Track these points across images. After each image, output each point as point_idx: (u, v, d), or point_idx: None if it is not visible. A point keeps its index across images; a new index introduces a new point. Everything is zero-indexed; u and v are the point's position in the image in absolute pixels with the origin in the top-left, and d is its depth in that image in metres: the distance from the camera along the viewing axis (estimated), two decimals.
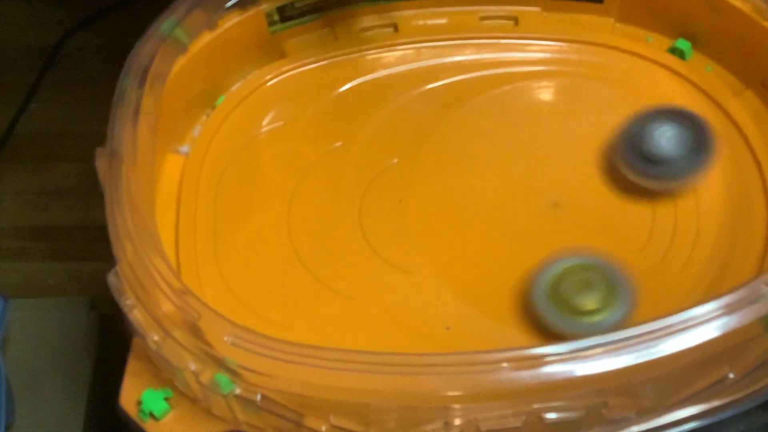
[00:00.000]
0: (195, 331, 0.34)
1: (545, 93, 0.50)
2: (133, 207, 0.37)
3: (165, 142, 0.46)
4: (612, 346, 0.32)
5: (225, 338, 0.33)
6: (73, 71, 0.77)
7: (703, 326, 0.32)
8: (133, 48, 0.44)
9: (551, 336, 0.39)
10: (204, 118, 0.50)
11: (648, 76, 0.49)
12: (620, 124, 0.45)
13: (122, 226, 0.36)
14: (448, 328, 0.41)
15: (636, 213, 0.44)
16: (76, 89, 0.73)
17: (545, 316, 0.39)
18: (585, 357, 0.32)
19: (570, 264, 0.41)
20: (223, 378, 0.33)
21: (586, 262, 0.41)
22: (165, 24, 0.45)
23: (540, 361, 0.32)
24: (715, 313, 0.33)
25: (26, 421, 0.50)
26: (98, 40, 0.79)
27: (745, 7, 0.45)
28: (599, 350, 0.32)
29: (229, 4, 0.48)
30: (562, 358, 0.32)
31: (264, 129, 0.49)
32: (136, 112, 0.41)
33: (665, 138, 0.43)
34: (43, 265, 0.68)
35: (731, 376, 0.32)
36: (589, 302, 0.39)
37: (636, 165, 0.43)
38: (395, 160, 0.47)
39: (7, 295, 0.52)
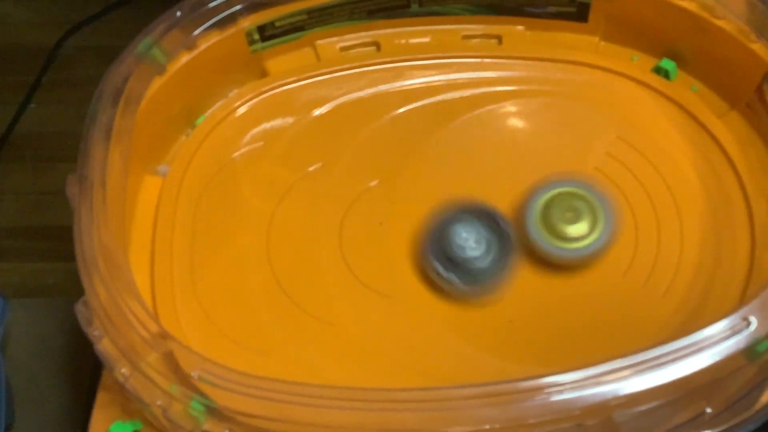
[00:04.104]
0: (164, 364, 0.33)
1: (529, 113, 0.49)
2: (102, 236, 0.36)
3: (142, 162, 0.46)
4: (590, 381, 0.31)
5: (194, 373, 0.32)
6: (73, 71, 0.77)
7: (685, 359, 0.32)
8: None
9: (528, 265, 0.42)
10: (183, 137, 0.49)
11: (632, 95, 0.48)
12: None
13: (90, 257, 0.35)
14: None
15: (619, 236, 0.43)
16: (76, 89, 0.73)
17: (538, 244, 0.42)
18: (562, 391, 0.31)
19: (557, 191, 0.43)
20: (195, 411, 0.33)
21: (572, 189, 0.43)
22: (141, 44, 0.45)
23: (517, 395, 0.31)
24: (699, 346, 0.32)
25: (26, 421, 0.50)
26: (98, 40, 0.79)
27: (730, 28, 0.45)
28: (575, 384, 0.31)
29: (208, 23, 0.47)
30: (542, 392, 0.31)
31: (243, 150, 0.48)
32: (108, 135, 0.40)
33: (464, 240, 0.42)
34: (43, 265, 0.68)
35: (708, 411, 0.32)
36: (577, 229, 0.41)
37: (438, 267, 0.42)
38: (376, 182, 0.46)
39: (7, 295, 0.52)
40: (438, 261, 0.41)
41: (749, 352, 0.32)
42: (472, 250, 0.41)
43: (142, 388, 0.33)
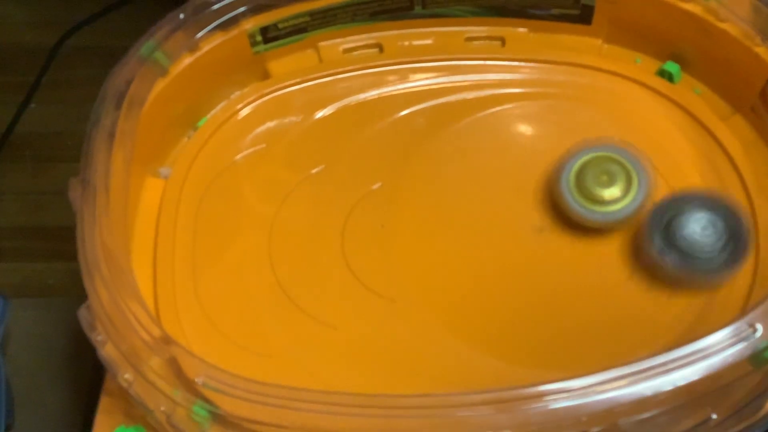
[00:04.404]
0: (167, 370, 0.33)
1: (532, 115, 0.49)
2: (104, 239, 0.36)
3: (144, 164, 0.46)
4: (595, 387, 0.31)
5: (198, 379, 0.32)
6: (73, 71, 0.78)
7: (690, 366, 0.32)
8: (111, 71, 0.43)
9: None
10: (185, 139, 0.49)
11: (636, 98, 0.48)
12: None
13: (93, 261, 0.35)
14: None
15: (624, 240, 0.43)
16: (76, 89, 0.73)
17: (571, 207, 0.42)
18: (567, 397, 0.31)
19: (591, 155, 0.43)
20: (198, 416, 0.33)
21: (606, 153, 0.43)
22: (144, 46, 0.45)
23: (521, 402, 0.31)
24: (704, 353, 0.32)
25: (26, 420, 0.50)
26: (98, 40, 0.79)
27: (735, 31, 0.45)
28: (580, 391, 0.31)
29: (211, 25, 0.47)
30: (547, 398, 0.31)
31: (245, 152, 0.48)
32: (111, 137, 0.40)
33: (702, 232, 0.40)
34: (43, 265, 0.68)
35: (714, 417, 0.32)
36: (611, 192, 0.42)
37: (661, 248, 0.40)
38: (378, 185, 0.46)
39: (7, 295, 0.52)
40: (659, 239, 0.40)
41: (754, 359, 0.32)
42: (706, 243, 0.40)
43: (146, 394, 0.33)
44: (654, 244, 0.40)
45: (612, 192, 0.42)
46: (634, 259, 0.42)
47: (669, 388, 0.31)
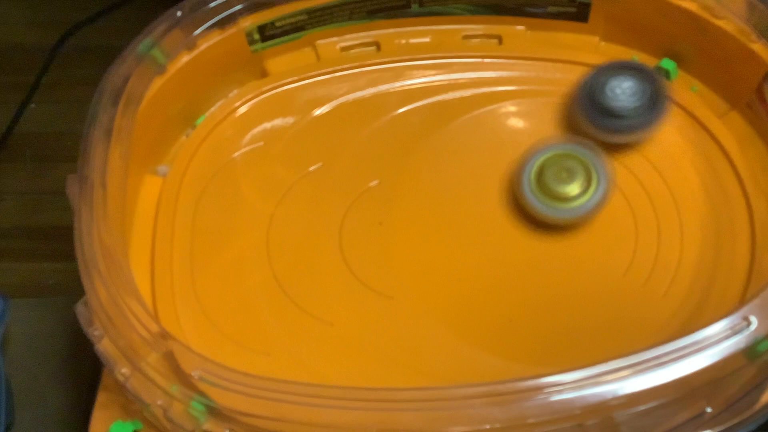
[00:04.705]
0: (164, 364, 0.33)
1: (529, 113, 0.49)
2: (102, 236, 0.36)
3: (142, 162, 0.46)
4: (590, 380, 0.31)
5: (194, 373, 0.32)
6: (73, 71, 0.77)
7: (685, 359, 0.32)
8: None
9: (538, 224, 0.43)
10: (183, 137, 0.49)
11: None
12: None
13: (90, 257, 0.35)
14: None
15: (619, 237, 0.43)
16: (76, 89, 0.73)
17: (533, 205, 0.43)
18: (562, 390, 0.31)
19: (550, 153, 0.43)
20: (195, 410, 0.33)
21: (565, 151, 0.43)
22: (142, 44, 0.45)
23: (517, 395, 0.31)
24: (698, 346, 0.32)
25: (26, 420, 0.50)
26: (98, 40, 0.79)
27: (730, 28, 0.45)
28: (575, 384, 0.31)
29: (208, 23, 0.47)
30: (542, 391, 0.31)
31: (243, 150, 0.48)
32: (108, 134, 0.40)
33: (622, 91, 0.44)
34: (43, 265, 0.68)
35: (708, 410, 0.32)
36: (571, 188, 0.42)
37: (595, 119, 0.44)
38: (376, 182, 0.46)
39: (7, 295, 0.52)
40: (591, 111, 0.44)
41: (749, 352, 0.32)
42: (627, 101, 0.43)
43: (143, 388, 0.33)
44: (585, 114, 0.44)
45: (572, 188, 0.42)
46: (630, 256, 0.42)
47: (664, 381, 0.31)
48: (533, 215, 0.43)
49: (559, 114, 0.48)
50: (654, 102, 0.44)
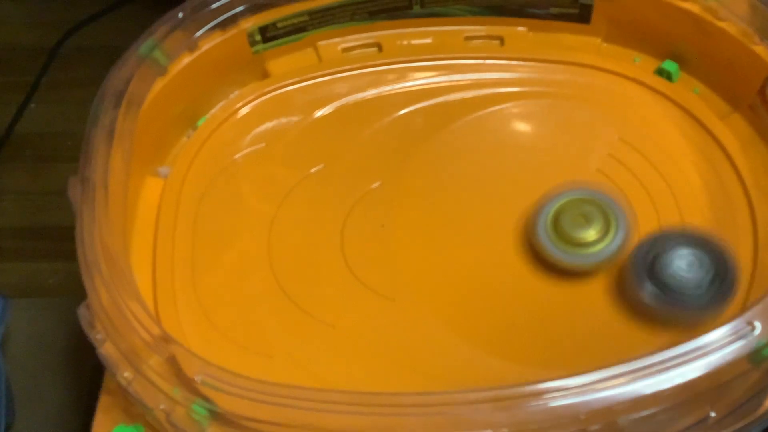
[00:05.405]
0: (166, 368, 0.33)
1: (531, 114, 0.49)
2: (103, 238, 0.36)
3: (143, 163, 0.46)
4: (594, 385, 0.31)
5: (197, 377, 0.32)
6: (73, 71, 0.78)
7: (689, 364, 0.32)
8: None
9: (554, 270, 0.41)
10: (185, 139, 0.49)
11: (634, 97, 0.48)
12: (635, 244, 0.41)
13: (92, 260, 0.35)
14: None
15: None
16: (76, 89, 0.73)
17: (548, 250, 0.41)
18: (566, 395, 0.31)
19: (568, 198, 0.42)
20: (198, 415, 0.33)
21: (584, 196, 0.42)
22: (143, 46, 0.45)
23: (521, 400, 0.31)
24: (702, 350, 0.32)
25: (26, 420, 0.50)
26: (98, 40, 0.79)
27: (733, 30, 0.45)
28: (579, 389, 0.31)
29: (210, 25, 0.47)
30: (546, 396, 0.31)
31: (245, 151, 0.48)
32: (110, 136, 0.40)
33: (687, 266, 0.39)
34: (43, 265, 0.68)
35: (713, 415, 0.32)
36: (589, 234, 0.41)
37: (647, 288, 0.39)
38: (377, 184, 0.46)
39: (7, 295, 0.52)
40: (645, 279, 0.39)
41: (753, 357, 0.32)
42: (693, 279, 0.38)
43: (145, 392, 0.33)
44: (640, 285, 0.39)
45: (590, 233, 0.41)
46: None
47: (668, 385, 0.31)
48: (549, 261, 0.42)
49: (560, 115, 0.48)
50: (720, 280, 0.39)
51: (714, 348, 0.32)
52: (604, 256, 0.41)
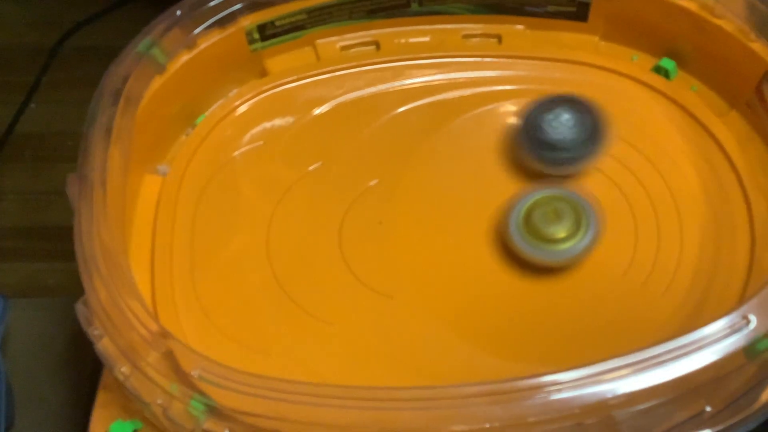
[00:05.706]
0: (164, 364, 0.33)
1: None
2: (102, 235, 0.36)
3: (142, 161, 0.46)
4: (590, 379, 0.31)
5: (194, 372, 0.32)
6: (73, 71, 0.78)
7: (684, 358, 0.32)
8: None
9: (526, 266, 0.42)
10: (183, 137, 0.49)
11: (632, 95, 0.48)
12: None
13: (90, 257, 0.35)
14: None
15: (619, 236, 0.43)
16: (76, 89, 0.73)
17: (520, 247, 0.42)
18: (562, 389, 0.31)
19: (539, 196, 0.42)
20: (195, 410, 0.33)
21: (554, 194, 0.43)
22: (141, 44, 0.45)
23: (517, 394, 0.31)
24: (698, 344, 0.32)
25: (26, 420, 0.50)
26: (98, 40, 0.80)
27: (730, 28, 0.45)
28: (575, 383, 0.31)
29: (208, 22, 0.47)
30: (542, 390, 0.31)
31: (243, 149, 0.48)
32: (108, 134, 0.40)
33: (561, 124, 0.44)
34: (43, 265, 0.68)
35: (708, 409, 0.32)
36: (559, 231, 0.41)
37: (535, 151, 0.44)
38: (375, 181, 0.46)
39: (7, 295, 0.52)
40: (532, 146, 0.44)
41: (749, 351, 0.32)
42: (566, 133, 0.43)
43: (142, 388, 0.33)
44: (526, 145, 0.44)
45: (561, 230, 0.41)
46: (630, 256, 0.42)
47: (663, 380, 0.31)
48: (520, 257, 0.42)
49: None
50: (594, 134, 0.44)
51: (709, 342, 0.32)
52: (575, 253, 0.41)
